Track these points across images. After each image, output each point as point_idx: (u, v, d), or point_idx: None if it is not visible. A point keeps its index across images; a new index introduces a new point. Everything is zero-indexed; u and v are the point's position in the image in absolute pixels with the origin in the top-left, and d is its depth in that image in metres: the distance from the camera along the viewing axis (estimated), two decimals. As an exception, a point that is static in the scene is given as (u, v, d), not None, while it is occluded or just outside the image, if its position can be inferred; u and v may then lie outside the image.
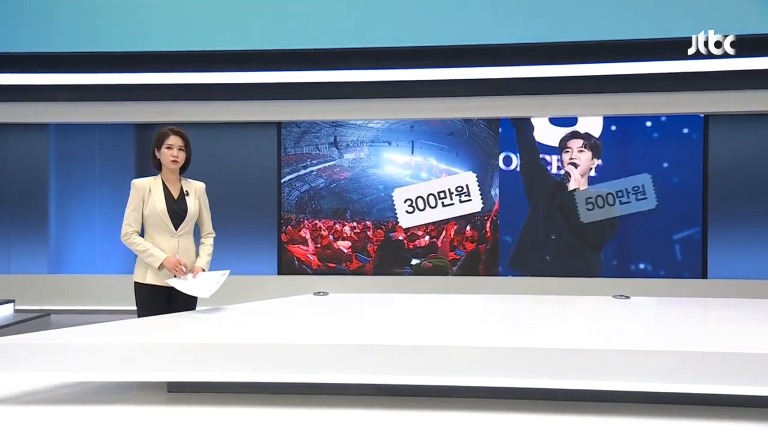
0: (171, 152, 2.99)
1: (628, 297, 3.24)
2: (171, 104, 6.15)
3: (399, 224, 6.18)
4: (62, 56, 6.08)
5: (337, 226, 6.24)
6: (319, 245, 6.24)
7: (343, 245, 6.24)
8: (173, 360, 2.06)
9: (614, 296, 3.27)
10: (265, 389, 2.07)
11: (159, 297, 2.92)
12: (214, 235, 3.18)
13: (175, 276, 2.93)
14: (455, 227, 6.14)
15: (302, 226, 6.26)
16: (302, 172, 6.29)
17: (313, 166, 6.29)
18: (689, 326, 2.70)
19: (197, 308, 3.02)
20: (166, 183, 3.04)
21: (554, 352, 2.01)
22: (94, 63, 6.05)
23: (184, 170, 3.11)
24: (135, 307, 2.97)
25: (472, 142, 6.15)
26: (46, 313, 6.11)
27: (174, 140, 3.00)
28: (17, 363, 2.09)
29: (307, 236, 6.25)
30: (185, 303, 2.96)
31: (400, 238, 6.18)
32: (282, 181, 6.27)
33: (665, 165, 5.96)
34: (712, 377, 1.90)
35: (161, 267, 2.92)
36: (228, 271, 2.98)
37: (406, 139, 6.20)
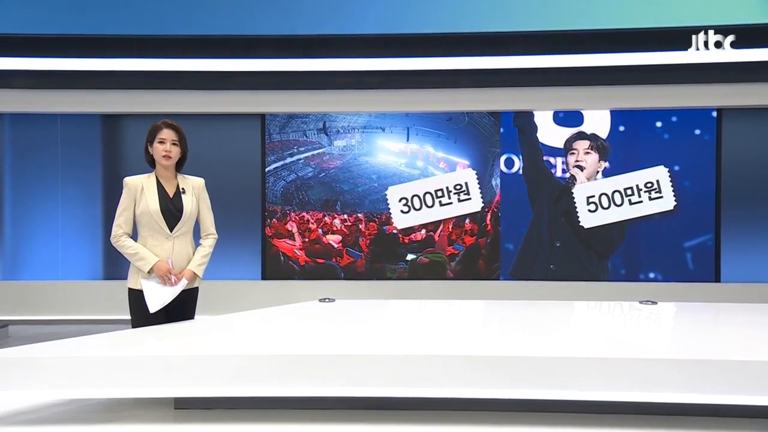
0: (163, 147, 3.01)
1: (655, 303, 3.35)
2: (142, 93, 6.00)
3: (394, 225, 6.18)
4: (17, 38, 5.93)
5: (326, 218, 6.23)
6: (306, 239, 6.23)
7: (333, 239, 6.24)
8: (180, 374, 2.04)
9: (640, 302, 3.38)
10: (282, 404, 2.08)
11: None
12: (215, 237, 3.18)
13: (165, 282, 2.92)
14: (453, 220, 6.17)
15: (288, 218, 6.24)
16: (288, 160, 6.25)
17: (301, 154, 6.25)
18: (735, 333, 2.77)
19: (196, 317, 3.03)
20: (160, 180, 3.04)
21: (585, 361, 2.05)
22: (56, 46, 5.90)
23: (181, 166, 3.11)
24: (105, 317, 2.98)
25: (471, 129, 6.17)
26: (4, 324, 6.02)
27: (167, 134, 3.02)
28: (6, 379, 2.06)
29: (294, 230, 6.23)
30: (184, 311, 2.97)
31: (395, 231, 6.19)
32: (266, 170, 6.24)
33: (676, 167, 6.00)
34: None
35: (151, 272, 2.92)
36: (185, 282, 2.99)
37: (400, 125, 6.20)
